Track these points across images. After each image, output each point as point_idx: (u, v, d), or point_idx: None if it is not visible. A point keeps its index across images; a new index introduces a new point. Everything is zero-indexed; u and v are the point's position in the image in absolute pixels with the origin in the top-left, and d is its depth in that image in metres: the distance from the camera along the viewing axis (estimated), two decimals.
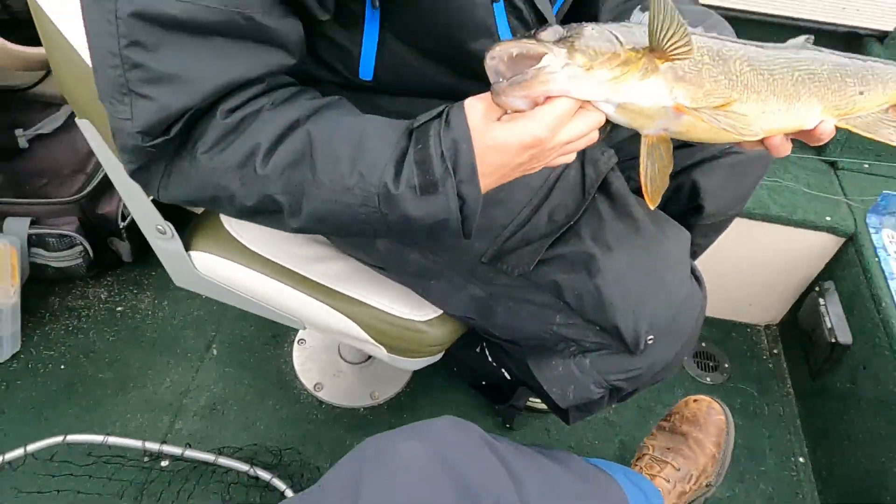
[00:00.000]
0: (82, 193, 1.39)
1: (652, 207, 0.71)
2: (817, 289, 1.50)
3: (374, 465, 0.69)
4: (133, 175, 0.68)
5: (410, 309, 0.97)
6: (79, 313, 1.53)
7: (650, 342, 0.84)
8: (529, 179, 0.86)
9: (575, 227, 0.85)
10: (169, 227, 0.99)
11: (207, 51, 0.59)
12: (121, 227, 1.47)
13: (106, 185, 1.45)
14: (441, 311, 0.97)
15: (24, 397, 1.36)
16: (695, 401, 1.26)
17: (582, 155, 0.90)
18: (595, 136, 0.67)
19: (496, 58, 0.60)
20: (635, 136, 0.71)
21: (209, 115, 0.62)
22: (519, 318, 0.90)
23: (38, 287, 1.52)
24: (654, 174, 0.70)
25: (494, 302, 0.90)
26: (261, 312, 1.06)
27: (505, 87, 0.59)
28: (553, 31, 0.62)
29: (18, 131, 1.45)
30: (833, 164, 1.60)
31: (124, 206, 1.47)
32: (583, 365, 0.89)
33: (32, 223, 1.38)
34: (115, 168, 0.93)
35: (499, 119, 0.62)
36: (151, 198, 0.96)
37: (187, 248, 1.02)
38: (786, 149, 0.73)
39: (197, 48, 0.59)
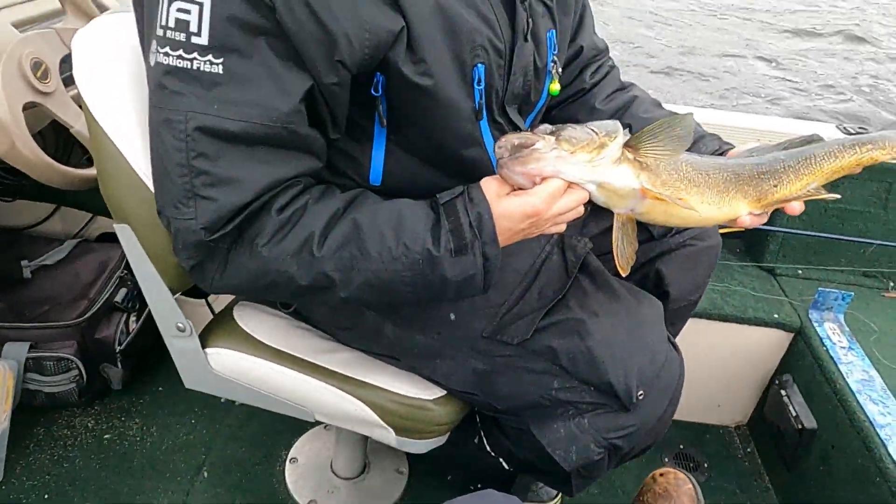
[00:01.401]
0: (84, 317, 1.45)
1: (623, 275, 0.88)
2: (777, 382, 1.63)
3: None
4: (191, 270, 0.81)
5: (418, 389, 1.04)
6: (65, 442, 1.51)
7: (641, 397, 0.93)
8: (518, 265, 1.01)
9: (563, 300, 0.98)
10: (189, 325, 1.06)
11: (257, 157, 0.75)
12: (116, 351, 1.51)
13: (106, 310, 1.51)
14: (446, 391, 1.05)
15: None
16: (661, 475, 1.31)
17: (562, 243, 1.05)
18: (581, 210, 0.84)
19: (502, 146, 0.78)
20: (606, 232, 0.92)
21: (264, 213, 0.76)
22: (520, 387, 0.98)
23: (24, 415, 1.51)
24: (623, 247, 0.88)
25: (496, 374, 0.99)
26: (272, 406, 1.11)
27: (508, 161, 0.77)
28: (544, 127, 0.80)
29: (24, 262, 1.53)
30: (771, 271, 1.80)
31: (122, 331, 1.52)
32: (582, 425, 0.96)
33: (31, 347, 1.41)
34: (143, 269, 1.02)
35: (507, 194, 0.79)
36: (175, 296, 1.04)
37: (203, 346, 1.09)
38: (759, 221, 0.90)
39: (249, 155, 0.74)
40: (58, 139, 1.43)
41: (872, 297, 1.74)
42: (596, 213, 1.17)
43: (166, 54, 0.71)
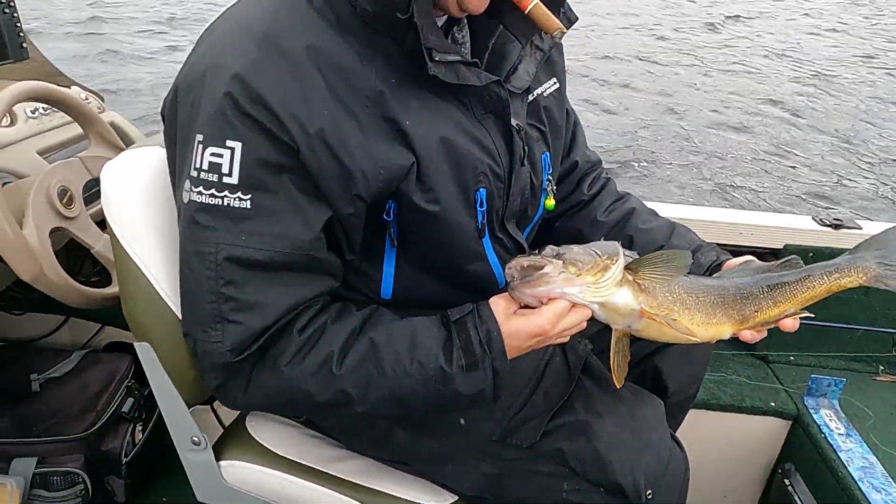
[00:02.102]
0: (92, 430, 1.46)
1: (618, 386, 0.97)
2: (780, 471, 1.64)
3: None
4: (216, 389, 0.86)
5: (429, 496, 1.06)
6: None
7: (650, 496, 0.96)
8: (523, 367, 1.05)
9: (569, 402, 1.02)
10: (204, 439, 1.09)
11: (280, 282, 0.82)
12: (122, 462, 1.51)
13: (114, 421, 1.52)
14: (458, 497, 1.07)
15: None
16: None
17: (563, 345, 1.10)
18: (584, 325, 0.89)
19: (513, 268, 0.85)
20: (603, 331, 0.98)
21: (286, 334, 0.82)
22: (531, 490, 1.01)
23: None
24: (618, 361, 0.96)
25: (506, 478, 1.02)
26: None
27: (518, 285, 0.84)
28: (549, 250, 0.86)
29: (33, 376, 1.55)
30: (764, 358, 1.85)
31: (128, 442, 1.53)
32: None
33: (38, 462, 1.41)
34: (161, 385, 1.05)
35: (514, 312, 0.85)
36: (191, 409, 1.07)
37: (217, 458, 1.11)
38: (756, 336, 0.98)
39: (273, 281, 0.81)
40: (69, 254, 1.49)
41: (864, 381, 1.78)
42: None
43: (199, 192, 0.79)
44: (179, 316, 1.00)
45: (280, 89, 0.76)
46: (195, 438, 1.09)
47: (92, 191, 1.29)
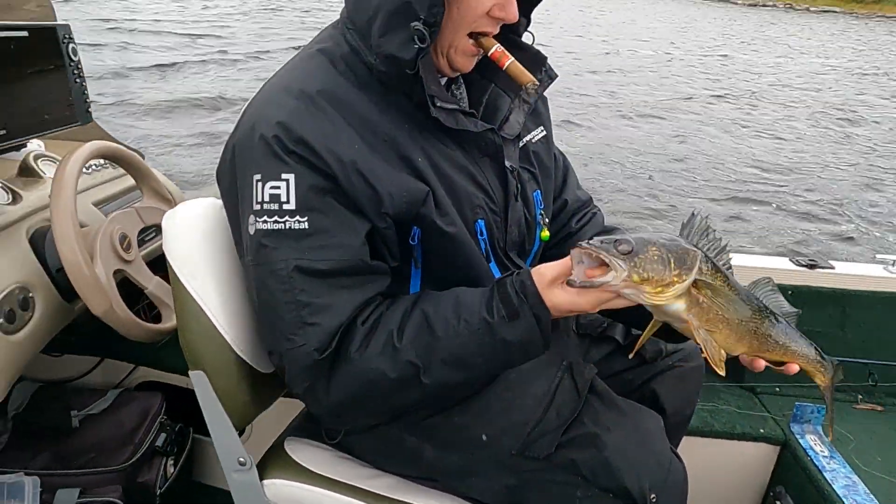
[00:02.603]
0: (130, 462, 1.56)
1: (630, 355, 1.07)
2: (772, 494, 1.76)
3: None
4: (304, 393, 0.98)
5: None
6: None
7: (654, 499, 1.08)
8: (536, 390, 1.18)
9: (579, 418, 1.15)
10: (250, 459, 1.20)
11: (343, 286, 0.96)
12: (157, 494, 1.60)
13: (148, 456, 1.62)
14: None
15: None
16: None
17: (570, 370, 1.23)
18: None
19: (582, 250, 0.86)
20: (607, 357, 1.19)
21: (353, 328, 0.96)
22: (548, 499, 1.13)
23: None
24: (647, 337, 1.05)
25: (526, 488, 1.14)
26: None
27: (578, 285, 0.87)
28: (626, 244, 0.85)
29: (73, 412, 1.65)
30: (752, 389, 1.98)
31: (162, 475, 1.62)
32: None
33: (80, 493, 1.50)
34: (213, 410, 1.17)
35: (560, 284, 0.91)
36: (239, 430, 1.19)
37: (260, 478, 1.21)
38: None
39: (338, 285, 0.96)
40: (123, 294, 1.62)
41: (845, 409, 1.92)
42: (598, 343, 1.38)
43: (264, 221, 0.95)
44: (232, 345, 1.14)
45: (317, 131, 0.94)
46: (241, 459, 1.20)
47: (144, 237, 1.43)
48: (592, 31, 25.21)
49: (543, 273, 0.93)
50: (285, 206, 0.93)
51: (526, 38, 1.18)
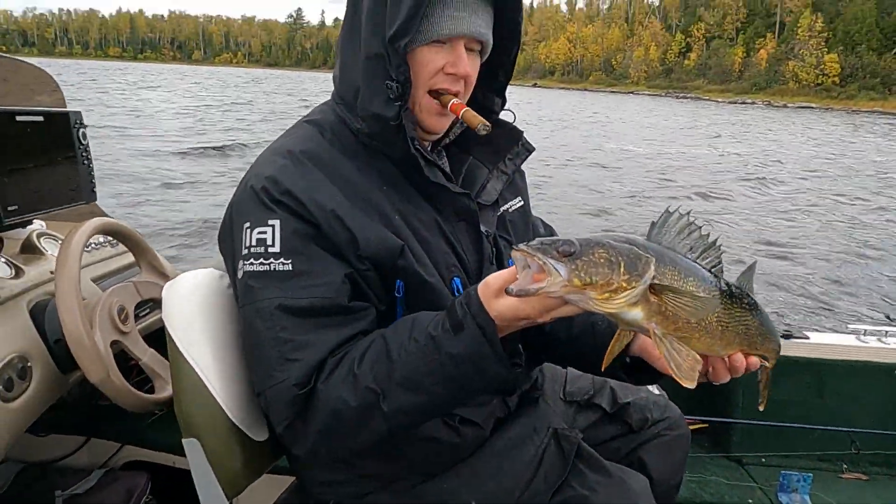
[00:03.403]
0: None
1: (601, 368, 0.94)
2: None
3: None
4: (285, 430, 0.99)
5: None
6: None
7: None
8: (523, 456, 1.20)
9: (566, 482, 1.17)
10: None
11: (323, 323, 0.99)
12: None
13: None
14: None
15: None
16: None
17: (556, 435, 1.25)
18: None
19: (519, 253, 0.80)
20: (596, 424, 1.17)
21: (324, 363, 0.98)
22: None
23: None
24: (614, 349, 0.92)
25: None
26: None
27: (514, 294, 0.82)
28: (569, 245, 0.79)
29: (58, 492, 1.62)
30: (739, 460, 2.00)
31: None
32: None
33: None
34: (205, 477, 1.18)
35: (504, 295, 0.87)
36: (230, 499, 1.19)
37: None
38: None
39: (318, 323, 0.99)
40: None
41: (831, 479, 1.94)
42: (584, 410, 1.41)
43: (251, 264, 1.01)
44: (227, 412, 1.16)
45: (302, 184, 1.02)
46: None
47: (140, 312, 1.47)
48: (596, 129, 26.45)
49: (489, 283, 0.90)
50: (270, 249, 1.00)
51: (507, 116, 1.27)
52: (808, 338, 2.04)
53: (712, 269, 0.91)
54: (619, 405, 1.39)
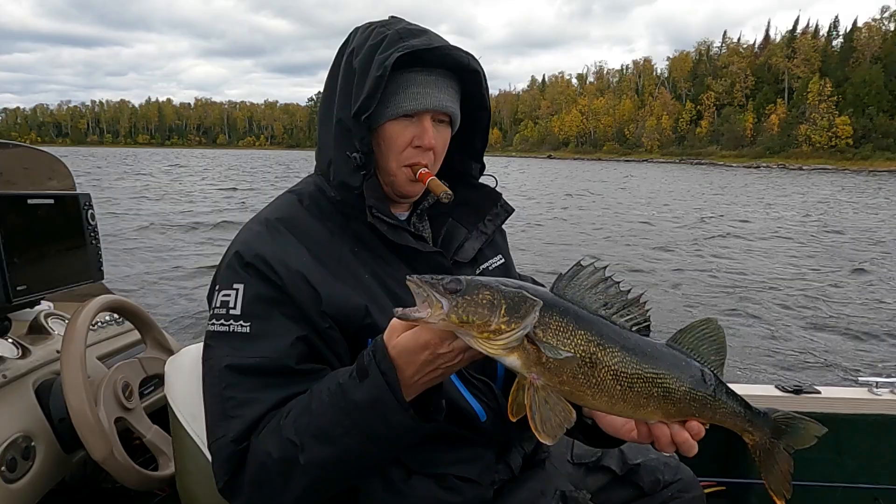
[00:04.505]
0: None
1: (511, 419, 0.87)
2: None
3: None
4: (225, 486, 1.01)
5: None
6: None
7: None
8: None
9: None
10: None
11: (267, 383, 1.01)
12: None
13: None
14: None
15: None
16: None
17: (565, 498, 1.22)
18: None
19: (413, 282, 0.82)
20: (606, 486, 1.13)
21: (262, 419, 1.00)
22: None
23: None
24: (517, 399, 0.85)
25: None
26: None
27: (398, 315, 0.83)
28: (455, 283, 0.80)
29: None
30: None
31: None
32: None
33: None
34: None
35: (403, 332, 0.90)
36: None
37: None
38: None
39: (263, 383, 1.01)
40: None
41: None
42: (593, 472, 1.36)
43: (212, 324, 1.06)
44: None
45: (274, 249, 1.07)
46: None
47: (144, 389, 1.48)
48: (628, 198, 26.78)
49: (393, 325, 0.92)
50: (232, 312, 1.04)
51: (489, 180, 1.32)
52: (819, 392, 1.97)
53: (633, 327, 0.87)
54: (629, 466, 1.35)
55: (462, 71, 1.17)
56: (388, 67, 1.05)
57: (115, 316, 1.74)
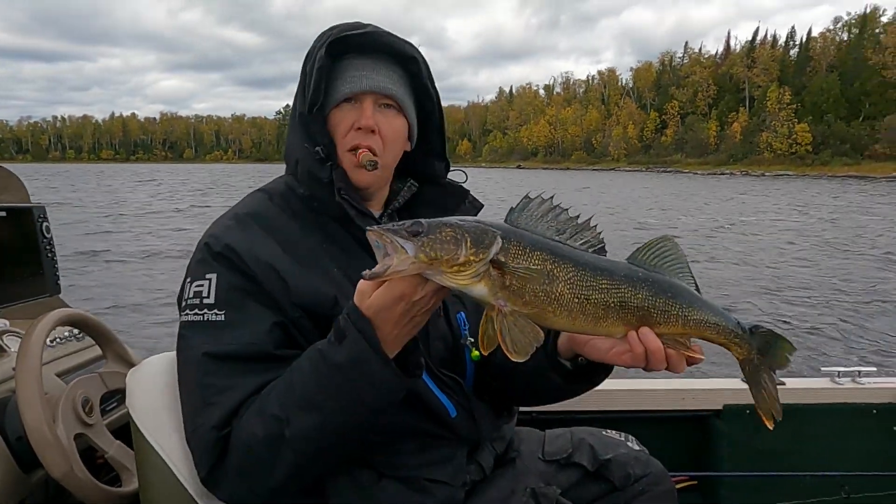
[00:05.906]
0: None
1: (484, 353, 0.89)
2: None
3: None
4: (208, 475, 1.01)
5: None
6: None
7: None
8: None
9: None
10: None
11: (246, 369, 1.02)
12: None
13: None
14: None
15: None
16: None
17: (535, 495, 1.22)
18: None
19: (372, 233, 0.84)
20: (578, 483, 1.19)
21: (243, 404, 1.00)
22: None
23: None
24: (486, 331, 0.88)
25: None
26: None
27: (367, 277, 0.84)
28: (417, 225, 0.82)
29: None
30: None
31: None
32: None
33: None
34: None
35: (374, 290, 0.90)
36: None
37: None
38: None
39: (241, 368, 1.02)
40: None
41: None
42: (565, 469, 1.36)
43: (186, 314, 1.06)
44: (196, 497, 1.13)
45: (243, 241, 1.08)
46: None
47: (107, 406, 1.44)
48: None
49: (361, 287, 0.92)
50: (205, 301, 1.05)
51: (458, 176, 1.33)
52: (784, 383, 2.01)
53: (589, 249, 0.91)
54: (600, 462, 1.36)
55: (405, 60, 1.19)
56: (323, 56, 1.10)
57: (76, 331, 1.70)
